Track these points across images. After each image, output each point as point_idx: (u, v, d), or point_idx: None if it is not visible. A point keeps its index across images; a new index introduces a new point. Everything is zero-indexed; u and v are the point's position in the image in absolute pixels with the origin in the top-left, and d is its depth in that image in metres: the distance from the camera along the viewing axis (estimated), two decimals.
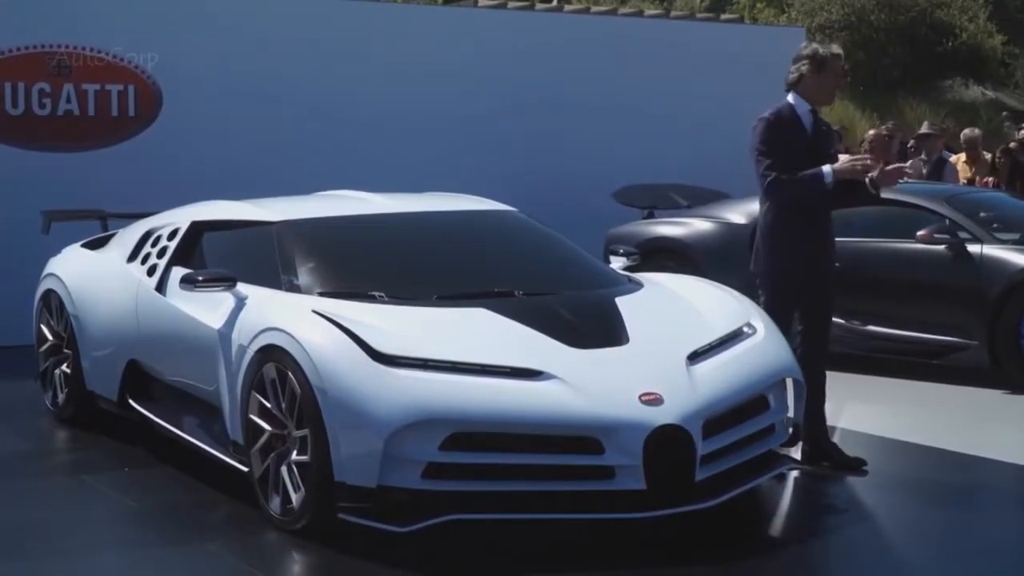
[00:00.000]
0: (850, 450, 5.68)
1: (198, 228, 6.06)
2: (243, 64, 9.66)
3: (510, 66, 10.65)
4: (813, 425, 5.57)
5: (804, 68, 5.52)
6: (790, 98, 5.56)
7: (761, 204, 5.58)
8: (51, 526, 4.97)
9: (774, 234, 5.52)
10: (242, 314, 5.15)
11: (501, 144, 10.48)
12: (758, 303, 5.51)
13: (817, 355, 5.60)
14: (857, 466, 5.56)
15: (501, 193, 6.90)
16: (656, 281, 5.73)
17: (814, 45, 5.64)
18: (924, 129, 11.85)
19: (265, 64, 9.73)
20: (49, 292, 6.70)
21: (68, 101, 9.11)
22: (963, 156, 11.66)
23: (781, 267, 5.50)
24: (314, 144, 9.85)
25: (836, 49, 5.60)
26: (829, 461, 5.58)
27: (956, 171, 11.24)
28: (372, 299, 5.08)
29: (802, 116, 5.53)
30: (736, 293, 5.58)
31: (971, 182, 11.19)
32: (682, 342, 4.93)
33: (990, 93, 24.04)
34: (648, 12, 16.00)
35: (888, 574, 4.52)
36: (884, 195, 5.67)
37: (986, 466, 5.86)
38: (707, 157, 10.70)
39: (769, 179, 5.44)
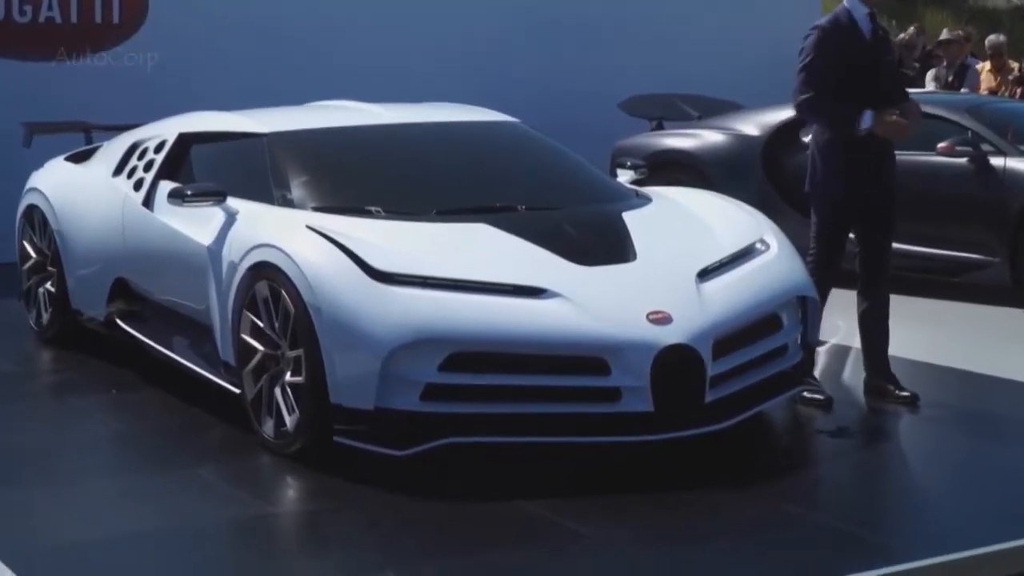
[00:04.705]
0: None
1: (186, 140, 5.93)
2: None
3: None
4: (876, 357, 5.37)
5: None
6: (846, 2, 5.29)
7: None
8: (37, 450, 4.92)
9: (826, 154, 5.27)
10: (233, 230, 5.06)
11: (506, 59, 10.20)
12: (811, 224, 5.32)
13: (874, 280, 5.36)
14: (913, 401, 5.29)
15: (503, 105, 6.67)
16: (665, 195, 5.59)
17: None
18: (944, 35, 11.68)
19: None
20: (32, 207, 6.57)
21: (50, 8, 8.89)
22: (988, 64, 11.39)
23: (835, 189, 5.25)
24: (310, 50, 9.54)
25: None
26: (887, 396, 5.33)
27: (979, 78, 11.04)
28: (368, 214, 5.00)
29: (860, 21, 5.25)
30: (749, 208, 5.43)
31: (995, 92, 10.93)
32: (692, 259, 4.82)
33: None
34: None
35: (903, 496, 4.49)
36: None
37: (1007, 387, 5.77)
38: (719, 70, 10.42)
39: (803, 97, 5.19)
